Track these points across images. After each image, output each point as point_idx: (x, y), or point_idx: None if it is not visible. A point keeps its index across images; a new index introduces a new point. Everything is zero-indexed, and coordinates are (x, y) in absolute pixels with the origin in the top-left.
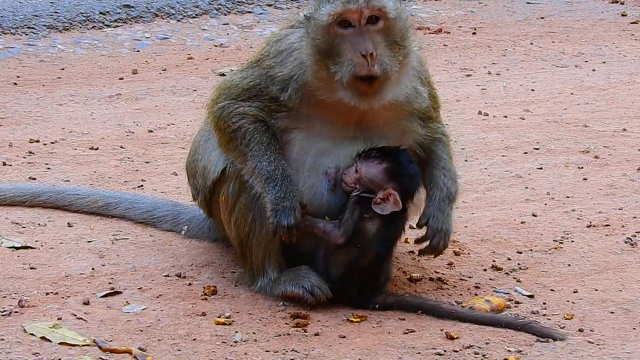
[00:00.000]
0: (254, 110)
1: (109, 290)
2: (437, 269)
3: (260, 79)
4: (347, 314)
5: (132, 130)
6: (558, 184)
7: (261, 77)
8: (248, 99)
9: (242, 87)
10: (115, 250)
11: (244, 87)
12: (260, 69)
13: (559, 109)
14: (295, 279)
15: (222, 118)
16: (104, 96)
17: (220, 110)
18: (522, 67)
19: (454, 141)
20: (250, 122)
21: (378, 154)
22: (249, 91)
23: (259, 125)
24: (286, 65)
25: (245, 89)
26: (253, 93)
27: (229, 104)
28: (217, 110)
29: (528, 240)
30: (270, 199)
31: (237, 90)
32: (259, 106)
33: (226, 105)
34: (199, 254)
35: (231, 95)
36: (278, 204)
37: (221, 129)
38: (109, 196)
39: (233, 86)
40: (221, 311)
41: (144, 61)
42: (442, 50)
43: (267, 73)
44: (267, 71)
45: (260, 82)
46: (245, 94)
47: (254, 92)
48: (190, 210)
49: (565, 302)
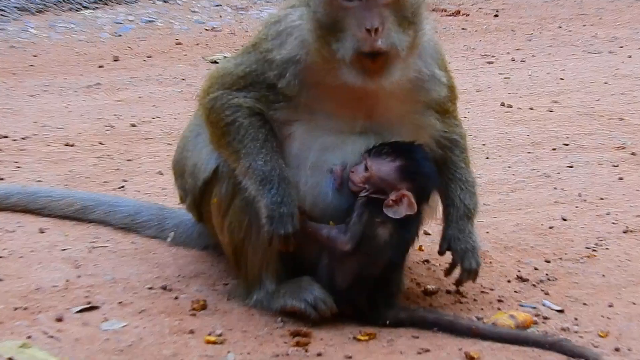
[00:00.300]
0: (250, 101)
1: (85, 305)
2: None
3: (257, 65)
4: (354, 331)
5: (113, 124)
6: (590, 184)
7: (258, 62)
8: (243, 89)
9: (237, 74)
10: (93, 260)
11: (238, 74)
12: (257, 54)
13: (591, 99)
14: (296, 291)
15: (214, 110)
16: (81, 86)
17: (213, 101)
18: (549, 53)
19: (473, 136)
20: (245, 116)
21: (390, 150)
22: (245, 79)
23: (255, 120)
24: (285, 46)
25: (240, 77)
26: (249, 81)
27: (222, 95)
28: (209, 102)
29: (557, 248)
30: (266, 204)
31: (231, 78)
32: (255, 96)
33: (219, 96)
34: (186, 263)
35: (225, 84)
36: (274, 210)
37: (213, 122)
38: (86, 198)
39: (227, 74)
40: (212, 328)
41: (127, 47)
42: (460, 34)
43: (265, 57)
44: (265, 55)
45: (256, 68)
46: (241, 82)
47: (249, 80)
48: (178, 215)
49: (599, 317)
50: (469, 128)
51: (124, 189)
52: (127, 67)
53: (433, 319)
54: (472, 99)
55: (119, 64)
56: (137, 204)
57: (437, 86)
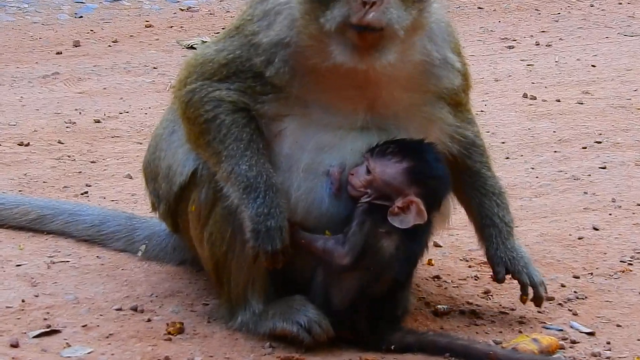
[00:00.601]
0: (234, 94)
1: (44, 329)
2: (470, 298)
3: (242, 50)
4: (353, 357)
5: (74, 120)
6: (626, 188)
7: (242, 47)
8: (226, 79)
9: (219, 62)
10: (52, 277)
11: (220, 62)
12: (241, 37)
13: (628, 90)
14: (287, 312)
15: (192, 104)
16: (36, 76)
17: (190, 94)
18: (579, 37)
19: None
20: (227, 112)
21: (396, 149)
22: (227, 67)
23: (239, 116)
24: (273, 27)
25: (223, 65)
26: (232, 69)
27: (201, 86)
28: (186, 94)
29: (588, 262)
30: (250, 216)
31: (212, 67)
32: (239, 88)
33: (198, 88)
34: (160, 280)
35: (204, 73)
36: (260, 223)
37: (191, 118)
38: (44, 206)
39: (207, 62)
40: (190, 355)
41: (89, 30)
42: (476, 14)
43: (251, 41)
44: (250, 39)
45: (241, 54)
46: (223, 71)
47: (233, 69)
48: (150, 225)
49: (635, 341)
50: (486, 123)
51: (87, 195)
52: (90, 53)
53: (445, 344)
54: (490, 90)
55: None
56: (102, 213)
57: (450, 72)
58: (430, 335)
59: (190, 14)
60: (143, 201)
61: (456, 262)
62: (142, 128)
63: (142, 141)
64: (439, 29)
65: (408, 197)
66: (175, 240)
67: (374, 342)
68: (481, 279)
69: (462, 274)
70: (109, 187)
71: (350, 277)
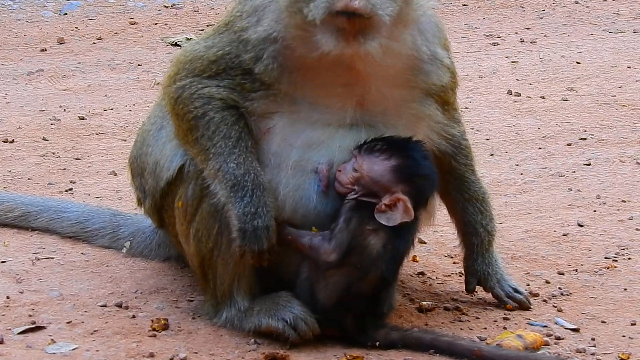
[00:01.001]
0: (223, 91)
1: (29, 325)
2: (455, 295)
3: (231, 46)
4: (338, 353)
5: (58, 117)
6: (611, 184)
7: (232, 43)
8: (216, 76)
9: (208, 59)
10: (37, 273)
11: (209, 58)
12: (230, 34)
13: (612, 87)
14: (272, 309)
15: (181, 101)
16: (21, 73)
17: (180, 90)
18: (564, 33)
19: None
20: (217, 109)
21: (385, 146)
22: (217, 64)
23: (228, 114)
24: (262, 23)
25: (212, 62)
26: (222, 66)
27: (191, 83)
28: (176, 91)
29: (572, 258)
30: (237, 215)
31: (202, 63)
32: (229, 85)
33: (187, 85)
34: (145, 277)
35: (194, 70)
36: (247, 222)
37: (180, 114)
38: (29, 203)
39: (196, 58)
40: (175, 351)
41: (73, 27)
42: (460, 11)
43: (240, 37)
44: (240, 35)
45: (230, 51)
46: (212, 67)
47: (222, 65)
48: (134, 221)
49: (620, 337)
50: (471, 120)
51: (71, 191)
52: (74, 50)
53: (429, 340)
54: (475, 87)
55: (64, 47)
56: (87, 210)
57: (439, 69)
58: (414, 332)
59: (174, 11)
60: (128, 197)
61: (441, 259)
62: (127, 125)
63: (126, 138)
64: (429, 24)
65: (395, 195)
66: (159, 236)
67: (359, 339)
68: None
69: (447, 270)
70: (93, 183)
71: (336, 275)
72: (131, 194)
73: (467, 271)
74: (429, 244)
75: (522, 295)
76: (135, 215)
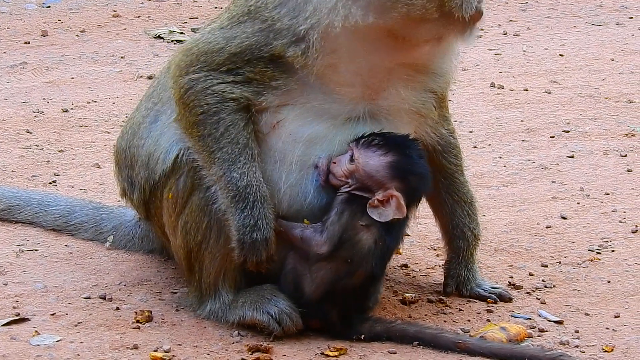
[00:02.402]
0: (238, 88)
1: (13, 317)
2: (438, 287)
3: (260, 35)
4: (322, 346)
5: (42, 109)
6: (594, 177)
7: (261, 32)
8: (234, 70)
9: (229, 51)
10: (21, 265)
11: (231, 51)
12: (257, 23)
13: (596, 79)
14: (257, 301)
15: (192, 93)
16: (4, 66)
17: (193, 82)
18: (547, 26)
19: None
20: (229, 111)
21: (382, 142)
22: (240, 55)
23: (239, 118)
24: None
25: (234, 54)
26: (246, 57)
27: (205, 77)
28: (188, 82)
29: (556, 250)
30: (237, 226)
31: (221, 56)
32: (246, 78)
33: (202, 78)
34: (129, 269)
35: (210, 63)
36: (245, 234)
37: (187, 105)
38: (12, 196)
39: (215, 51)
40: (158, 343)
41: (56, 20)
42: None
43: (271, 26)
44: (271, 24)
45: (258, 40)
46: (233, 60)
47: (247, 56)
48: (117, 215)
49: (603, 329)
50: (454, 112)
51: (55, 184)
52: (58, 43)
53: (413, 333)
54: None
55: (47, 39)
56: (70, 203)
57: (449, 63)
58: (398, 324)
59: (157, 3)
60: (111, 190)
61: (424, 251)
62: (110, 117)
63: (110, 130)
64: None
65: (389, 191)
66: (142, 230)
67: (344, 332)
68: None
69: (430, 262)
70: (77, 176)
71: (325, 269)
72: (115, 186)
73: (448, 274)
74: (412, 236)
75: (501, 288)
76: (118, 208)
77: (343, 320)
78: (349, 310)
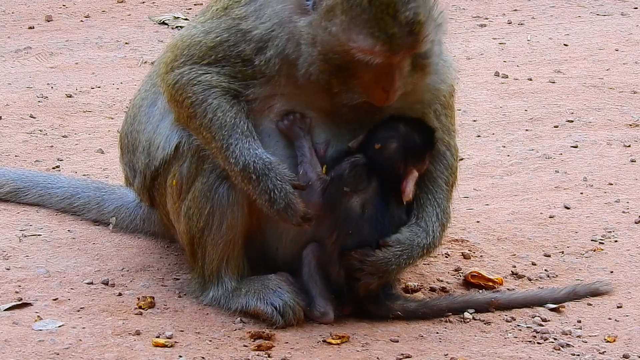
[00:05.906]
0: (224, 80)
1: (16, 302)
2: (441, 276)
3: (229, 33)
4: (324, 333)
5: (46, 94)
6: (598, 167)
7: (230, 30)
8: (215, 63)
9: (206, 44)
10: (24, 250)
11: (208, 44)
12: (228, 20)
13: (600, 69)
14: (262, 292)
15: (179, 87)
16: (8, 50)
17: (178, 76)
18: (552, 15)
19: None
20: (215, 96)
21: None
22: (215, 50)
23: (225, 101)
24: (263, 19)
25: (211, 48)
26: (220, 53)
27: (190, 70)
28: (173, 78)
29: (559, 240)
30: (260, 203)
31: (201, 49)
32: (229, 72)
33: (186, 71)
34: (131, 255)
35: (192, 56)
36: (271, 209)
37: (178, 101)
38: (18, 178)
39: (194, 44)
40: (161, 329)
41: (61, 5)
42: None
43: (238, 25)
44: (238, 23)
45: (229, 38)
46: (211, 54)
47: (221, 52)
48: (118, 196)
49: (606, 319)
50: (458, 101)
51: (58, 169)
52: (62, 28)
53: (446, 305)
54: (462, 68)
55: (52, 24)
56: (73, 185)
57: (447, 72)
58: (430, 300)
59: None
60: (115, 176)
61: None
62: (114, 103)
63: (113, 116)
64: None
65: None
66: (144, 212)
67: (376, 312)
68: (452, 257)
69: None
70: (80, 161)
71: (331, 247)
72: (118, 172)
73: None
74: None
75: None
76: (119, 188)
77: (372, 299)
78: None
